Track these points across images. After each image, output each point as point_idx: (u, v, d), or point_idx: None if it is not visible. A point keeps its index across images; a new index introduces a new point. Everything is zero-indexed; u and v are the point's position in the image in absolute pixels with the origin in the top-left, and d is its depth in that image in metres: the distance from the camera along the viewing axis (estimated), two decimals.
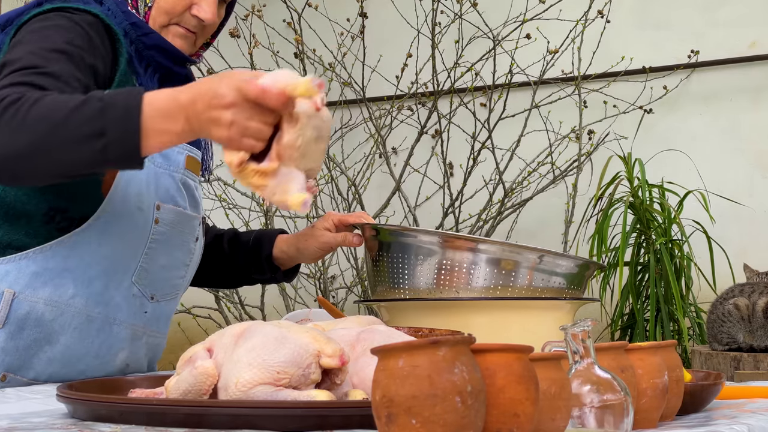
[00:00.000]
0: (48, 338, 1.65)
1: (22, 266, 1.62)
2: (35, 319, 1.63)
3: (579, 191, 3.93)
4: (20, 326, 1.63)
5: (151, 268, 1.72)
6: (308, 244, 1.92)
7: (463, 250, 1.66)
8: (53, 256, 1.62)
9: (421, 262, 1.68)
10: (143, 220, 1.68)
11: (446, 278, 1.66)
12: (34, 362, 1.65)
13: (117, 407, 1.12)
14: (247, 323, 1.18)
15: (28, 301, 1.62)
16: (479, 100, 4.08)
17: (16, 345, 1.63)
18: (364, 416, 1.04)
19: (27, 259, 1.62)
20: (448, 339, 0.87)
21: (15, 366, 1.64)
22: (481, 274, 1.65)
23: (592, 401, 1.00)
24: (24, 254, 1.62)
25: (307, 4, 4.18)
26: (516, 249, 1.67)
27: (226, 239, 2.02)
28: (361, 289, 4.03)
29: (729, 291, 2.89)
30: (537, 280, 1.66)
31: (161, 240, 1.72)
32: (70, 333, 1.66)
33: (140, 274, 1.71)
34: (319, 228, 1.91)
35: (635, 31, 3.96)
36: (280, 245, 1.97)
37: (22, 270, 1.62)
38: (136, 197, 1.67)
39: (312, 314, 1.92)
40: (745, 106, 3.79)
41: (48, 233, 1.63)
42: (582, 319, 1.03)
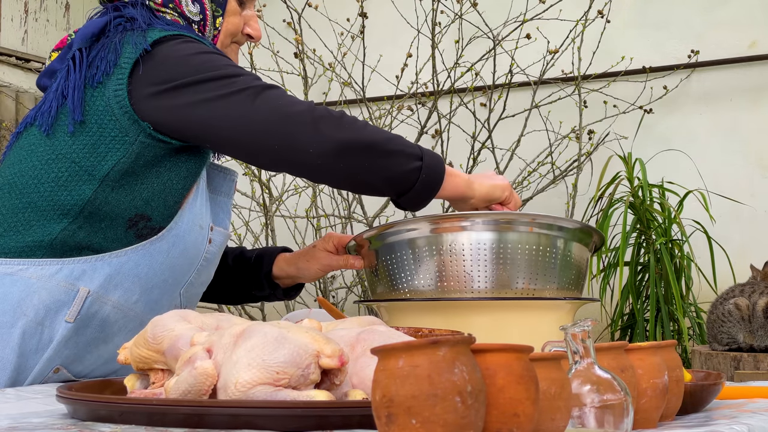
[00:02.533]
0: (106, 338, 1.71)
1: (98, 267, 1.67)
2: (101, 319, 1.69)
3: (579, 191, 3.93)
4: (87, 324, 1.68)
5: (196, 282, 1.81)
6: (309, 265, 1.98)
7: (455, 230, 1.66)
8: (127, 262, 1.69)
9: (417, 254, 1.68)
10: (201, 238, 1.77)
11: (445, 263, 1.66)
12: (86, 358, 1.71)
13: (117, 407, 1.12)
14: (247, 323, 1.18)
15: (99, 302, 1.68)
16: (479, 100, 4.08)
17: (77, 341, 1.68)
18: (363, 416, 1.04)
19: (103, 262, 1.68)
20: (448, 339, 0.87)
21: (69, 360, 1.69)
22: (480, 248, 1.64)
23: (592, 401, 1.00)
24: (100, 257, 1.68)
25: (307, 4, 4.18)
26: (512, 214, 1.71)
27: (232, 256, 2.08)
28: (361, 289, 4.03)
29: (729, 291, 2.89)
30: (537, 245, 1.66)
31: (210, 258, 1.81)
32: (124, 335, 1.72)
33: (188, 287, 1.79)
34: (320, 249, 1.96)
35: (635, 31, 3.96)
36: (280, 263, 2.02)
37: (97, 271, 1.67)
38: (200, 216, 1.76)
39: (312, 314, 1.92)
40: (745, 106, 3.79)
41: (126, 239, 1.70)
42: (582, 319, 1.03)
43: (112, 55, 1.68)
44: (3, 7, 4.37)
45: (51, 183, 1.67)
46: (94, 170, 1.66)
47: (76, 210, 1.67)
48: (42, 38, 4.53)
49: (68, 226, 1.67)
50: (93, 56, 1.69)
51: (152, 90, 1.65)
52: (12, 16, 4.41)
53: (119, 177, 1.66)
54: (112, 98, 1.65)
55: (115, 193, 1.67)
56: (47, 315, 1.65)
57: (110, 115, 1.65)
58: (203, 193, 1.77)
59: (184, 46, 1.69)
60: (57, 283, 1.65)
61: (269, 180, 4.12)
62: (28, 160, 1.70)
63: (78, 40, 1.72)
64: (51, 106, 1.69)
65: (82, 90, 1.67)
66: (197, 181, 1.74)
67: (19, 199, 1.69)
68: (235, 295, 2.10)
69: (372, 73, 4.18)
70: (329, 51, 4.25)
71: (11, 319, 1.64)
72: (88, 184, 1.66)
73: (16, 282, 1.65)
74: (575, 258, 1.73)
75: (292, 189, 4.19)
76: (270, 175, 4.15)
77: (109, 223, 1.68)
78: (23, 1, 4.46)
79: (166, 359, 1.22)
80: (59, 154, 1.67)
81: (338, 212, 4.15)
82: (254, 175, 4.06)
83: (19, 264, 1.66)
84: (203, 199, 1.77)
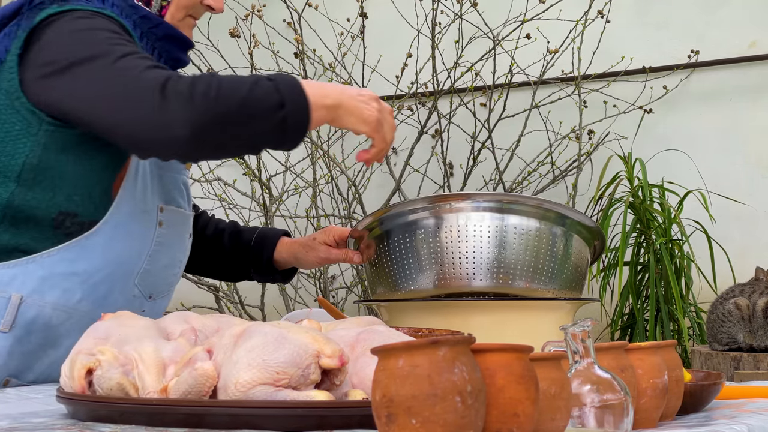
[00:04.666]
0: (53, 342, 1.65)
1: (30, 270, 1.61)
2: (42, 323, 1.63)
3: (579, 191, 3.93)
4: (27, 330, 1.62)
5: (153, 269, 1.72)
6: (307, 256, 1.96)
7: (455, 210, 1.66)
8: (61, 261, 1.62)
9: (416, 240, 1.68)
10: (148, 222, 1.69)
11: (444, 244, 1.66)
12: (36, 366, 1.65)
13: (117, 407, 1.12)
14: (247, 324, 1.18)
15: (36, 306, 1.61)
16: (479, 100, 4.08)
17: (22, 350, 1.63)
18: (364, 416, 1.04)
19: (34, 264, 1.61)
20: (448, 339, 0.87)
21: (18, 370, 1.64)
22: (479, 229, 1.64)
23: (592, 401, 1.00)
24: (31, 258, 1.61)
25: (307, 4, 4.18)
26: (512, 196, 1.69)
27: (227, 234, 2.03)
28: (361, 289, 4.03)
29: (729, 291, 2.88)
30: (537, 230, 1.65)
31: (164, 242, 1.73)
32: (74, 336, 1.62)
33: (143, 276, 1.71)
34: (319, 242, 1.94)
35: (635, 31, 3.96)
36: (281, 250, 2.00)
37: (29, 274, 1.61)
38: (141, 200, 1.68)
39: (312, 314, 1.92)
40: (745, 106, 3.79)
41: (56, 238, 1.63)
42: (582, 319, 1.03)
43: (7, 40, 1.61)
44: None
45: None
46: (6, 170, 1.60)
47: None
48: None
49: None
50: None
51: (36, 73, 1.57)
52: None
53: (33, 174, 1.60)
54: (9, 89, 1.59)
55: (33, 192, 1.61)
56: None
57: (11, 108, 1.59)
58: (144, 175, 1.69)
59: (70, 23, 1.58)
60: None
61: (269, 180, 4.12)
62: None
63: None
64: None
65: None
66: (126, 167, 1.65)
67: None
68: (232, 274, 2.07)
69: (372, 73, 4.18)
70: (329, 51, 4.25)
71: None
72: (3, 186, 1.61)
73: None
74: (575, 252, 1.72)
75: (292, 189, 4.19)
76: (270, 174, 4.15)
77: (34, 224, 1.62)
78: None
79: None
80: None
81: (338, 212, 4.15)
82: (254, 175, 4.06)
83: None
84: (145, 181, 1.69)
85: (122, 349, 1.18)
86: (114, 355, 1.16)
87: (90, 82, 1.53)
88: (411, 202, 1.70)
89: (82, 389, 1.16)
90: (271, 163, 4.22)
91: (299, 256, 1.97)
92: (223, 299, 4.12)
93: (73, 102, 1.54)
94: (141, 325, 1.25)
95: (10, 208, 1.61)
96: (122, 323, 1.25)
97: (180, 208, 1.77)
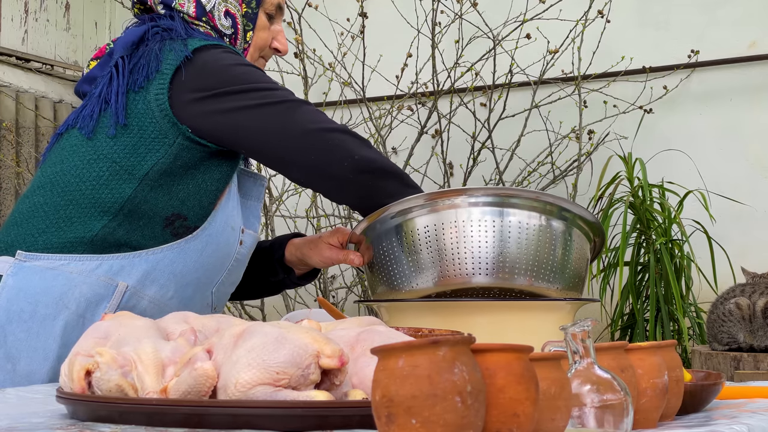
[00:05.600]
0: None
1: (135, 264, 1.75)
2: (139, 312, 1.74)
3: (579, 191, 3.93)
4: None
5: (226, 282, 1.88)
6: (312, 254, 2.02)
7: (453, 206, 1.66)
8: (163, 259, 1.77)
9: (413, 241, 1.68)
10: (233, 239, 1.85)
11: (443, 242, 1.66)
12: None
13: (117, 407, 1.12)
14: (247, 324, 1.18)
15: (137, 296, 1.76)
16: (479, 100, 4.08)
17: None
18: (364, 416, 1.04)
19: (139, 258, 1.75)
20: (448, 339, 0.87)
21: None
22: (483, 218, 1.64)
23: (592, 401, 1.00)
24: (137, 253, 1.75)
25: (307, 4, 4.18)
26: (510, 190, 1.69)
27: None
28: (361, 289, 4.03)
29: (729, 291, 2.89)
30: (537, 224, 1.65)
31: (240, 259, 1.89)
32: None
33: (219, 287, 1.87)
34: (324, 241, 2.00)
35: (635, 31, 3.96)
36: (290, 248, 2.07)
37: (135, 267, 1.75)
38: (231, 218, 1.83)
39: (312, 314, 1.92)
40: (745, 106, 3.79)
41: (163, 237, 1.77)
42: (582, 319, 1.03)
43: (154, 61, 1.76)
44: (3, 7, 4.37)
45: (92, 182, 1.75)
46: (134, 170, 1.74)
47: (116, 208, 1.74)
48: (42, 38, 4.53)
49: (108, 224, 1.74)
50: (134, 63, 1.77)
51: (193, 96, 1.74)
52: (12, 16, 4.41)
53: (158, 177, 1.74)
54: (153, 102, 1.74)
55: (154, 192, 1.75)
56: (88, 308, 1.73)
57: (150, 118, 1.74)
58: (235, 196, 1.84)
59: (224, 55, 1.77)
60: (97, 277, 1.74)
61: (269, 180, 4.12)
62: (70, 160, 1.78)
63: (119, 48, 1.81)
64: (93, 110, 1.78)
65: (125, 95, 1.76)
66: (229, 185, 1.81)
67: (61, 197, 1.76)
68: (254, 286, 2.12)
69: (372, 73, 4.18)
70: (329, 51, 4.25)
71: (54, 311, 1.72)
72: (128, 183, 1.74)
73: (58, 276, 1.73)
74: (576, 246, 1.72)
75: (292, 189, 4.19)
76: (270, 174, 4.15)
77: (147, 222, 1.76)
78: (23, 1, 4.46)
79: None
80: (101, 154, 1.75)
81: (338, 212, 4.15)
82: None
83: (61, 259, 1.73)
84: (235, 201, 1.84)
85: (121, 350, 1.18)
86: (112, 357, 1.16)
87: (266, 115, 1.74)
88: (408, 201, 1.69)
89: (82, 390, 1.16)
90: None
91: (306, 254, 2.03)
92: None
93: (242, 129, 1.75)
94: (140, 325, 1.25)
95: (130, 204, 1.75)
96: (122, 323, 1.25)
97: (255, 232, 1.91)
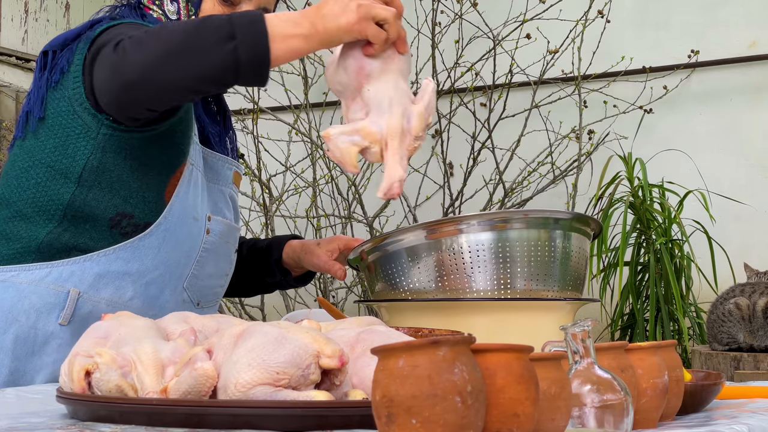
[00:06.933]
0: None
1: (86, 268, 1.69)
2: (97, 318, 1.68)
3: (579, 191, 3.93)
4: (84, 325, 1.66)
5: (200, 275, 1.81)
6: (306, 258, 2.01)
7: (452, 233, 1.67)
8: (116, 260, 1.70)
9: (417, 263, 1.68)
10: (197, 229, 1.78)
11: (445, 267, 1.66)
12: None
13: (117, 407, 1.12)
14: (247, 324, 1.18)
15: (91, 301, 1.70)
16: (479, 100, 4.08)
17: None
18: (364, 416, 1.04)
19: (91, 261, 1.70)
20: (448, 339, 0.87)
21: None
22: (479, 249, 1.64)
23: (592, 401, 1.00)
24: (88, 256, 1.70)
25: (307, 3, 4.18)
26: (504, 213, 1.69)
27: (246, 247, 2.11)
28: (361, 289, 4.03)
29: (729, 291, 2.89)
30: (531, 235, 1.66)
31: (211, 249, 1.82)
32: None
33: (190, 280, 1.80)
34: (322, 247, 2.00)
35: (635, 31, 3.96)
36: (287, 251, 2.05)
37: (86, 271, 1.69)
38: (192, 208, 1.76)
39: (312, 314, 1.92)
40: (745, 106, 3.79)
41: (112, 237, 1.71)
42: (582, 319, 1.03)
43: (69, 53, 1.70)
44: (3, 7, 4.37)
45: (32, 189, 1.71)
46: (68, 172, 1.69)
47: (60, 213, 1.70)
48: (42, 38, 4.53)
49: (53, 230, 1.70)
50: (57, 59, 1.71)
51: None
52: (12, 16, 4.41)
53: (94, 176, 1.69)
54: (72, 96, 1.68)
55: (93, 193, 1.69)
56: (39, 318, 1.68)
57: (73, 114, 1.68)
58: (197, 184, 1.77)
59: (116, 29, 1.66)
60: (47, 286, 1.69)
61: (269, 180, 4.12)
62: (12, 171, 1.74)
63: (49, 44, 1.75)
64: (22, 112, 1.75)
65: (44, 90, 1.70)
66: (184, 174, 1.74)
67: (8, 209, 1.73)
68: (250, 284, 2.11)
69: None
70: (329, 51, 4.24)
71: (3, 324, 1.68)
72: (65, 186, 1.69)
73: (8, 288, 1.69)
74: (574, 250, 1.72)
75: (292, 189, 4.19)
76: (270, 174, 4.15)
77: (92, 224, 1.70)
78: (23, 1, 4.46)
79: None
80: (35, 160, 1.71)
81: (338, 212, 4.15)
82: (254, 175, 4.06)
83: (11, 271, 1.70)
84: (197, 190, 1.77)
85: (121, 350, 1.18)
86: (112, 357, 1.16)
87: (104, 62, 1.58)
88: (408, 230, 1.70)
89: (82, 390, 1.16)
90: (271, 163, 4.22)
91: (301, 257, 2.03)
92: (223, 299, 4.12)
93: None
94: (140, 325, 1.25)
95: (71, 208, 1.70)
96: (122, 323, 1.25)
97: (226, 219, 1.85)
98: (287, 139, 4.23)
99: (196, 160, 1.77)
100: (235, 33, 1.46)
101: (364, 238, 2.31)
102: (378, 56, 1.48)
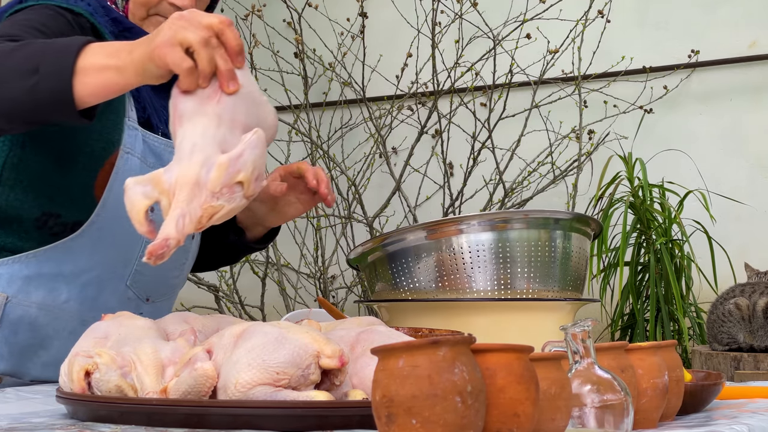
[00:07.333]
0: (42, 343, 1.63)
1: (15, 270, 1.60)
2: (28, 323, 1.62)
3: (579, 191, 3.93)
4: (14, 330, 1.61)
5: (146, 272, 1.69)
6: (272, 215, 1.77)
7: (452, 233, 1.67)
8: (47, 261, 1.60)
9: (417, 263, 1.68)
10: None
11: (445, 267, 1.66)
12: (30, 367, 1.64)
13: (117, 407, 1.12)
14: (247, 324, 1.18)
15: (22, 305, 1.61)
16: (479, 100, 4.08)
17: (11, 350, 1.62)
18: (364, 416, 1.04)
19: (20, 263, 1.60)
20: (448, 339, 0.87)
21: (11, 370, 1.63)
22: (479, 249, 1.64)
23: (592, 401, 1.00)
24: (17, 258, 1.60)
25: (307, 4, 4.18)
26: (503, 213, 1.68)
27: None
28: (361, 289, 4.03)
29: (729, 291, 2.89)
30: (532, 234, 1.66)
31: None
32: (64, 337, 1.63)
33: (135, 278, 1.69)
34: (269, 183, 1.71)
35: (635, 31, 3.96)
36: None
37: (15, 274, 1.60)
38: None
39: (312, 314, 1.92)
40: (745, 106, 3.79)
41: (41, 238, 1.61)
42: (582, 319, 1.03)
43: None
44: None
45: None
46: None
47: None
48: None
49: None
50: None
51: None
52: None
53: (15, 174, 1.59)
54: None
55: (15, 193, 1.60)
56: None
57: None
58: (135, 174, 1.58)
59: (21, 14, 1.54)
60: None
61: None
62: None
63: None
64: None
65: None
66: (117, 165, 1.60)
67: None
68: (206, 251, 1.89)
69: (372, 73, 4.18)
70: (329, 51, 4.25)
71: None
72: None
73: None
74: (574, 250, 1.72)
75: None
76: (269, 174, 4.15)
77: (18, 225, 1.61)
78: None
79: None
80: None
81: (338, 212, 4.15)
82: None
83: None
84: None
85: (120, 351, 1.18)
86: (112, 358, 1.16)
87: None
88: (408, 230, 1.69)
89: (82, 390, 1.16)
90: (271, 163, 4.22)
91: (252, 206, 1.74)
92: (223, 299, 4.12)
93: None
94: (140, 325, 1.25)
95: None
96: (121, 323, 1.25)
97: None
98: (287, 139, 4.23)
99: (134, 146, 1.62)
100: (39, 66, 1.32)
101: (364, 238, 2.31)
102: (193, 94, 1.23)
